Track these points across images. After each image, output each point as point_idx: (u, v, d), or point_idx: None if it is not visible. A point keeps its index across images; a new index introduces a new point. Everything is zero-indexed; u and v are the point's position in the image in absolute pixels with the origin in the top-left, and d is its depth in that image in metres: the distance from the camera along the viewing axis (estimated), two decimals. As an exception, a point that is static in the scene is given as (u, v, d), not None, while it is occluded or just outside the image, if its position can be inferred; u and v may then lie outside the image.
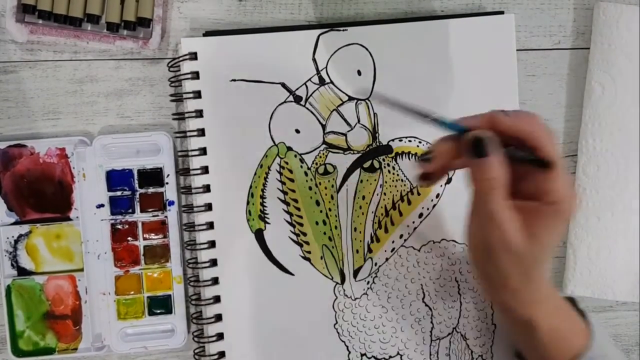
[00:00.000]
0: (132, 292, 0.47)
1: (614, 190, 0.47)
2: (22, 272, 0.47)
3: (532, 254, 0.36)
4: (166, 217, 0.47)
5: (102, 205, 0.47)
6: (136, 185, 0.47)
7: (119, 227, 0.47)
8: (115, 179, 0.47)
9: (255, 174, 0.46)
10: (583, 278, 0.48)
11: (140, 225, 0.47)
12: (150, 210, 0.47)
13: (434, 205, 0.47)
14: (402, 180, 0.47)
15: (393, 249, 0.47)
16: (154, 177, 0.47)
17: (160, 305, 0.47)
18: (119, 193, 0.47)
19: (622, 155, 0.47)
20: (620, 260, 0.48)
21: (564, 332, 0.39)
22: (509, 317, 0.40)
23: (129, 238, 0.47)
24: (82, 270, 0.46)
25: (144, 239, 0.47)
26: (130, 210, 0.47)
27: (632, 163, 0.48)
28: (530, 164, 0.36)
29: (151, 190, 0.47)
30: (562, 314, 0.39)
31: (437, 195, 0.47)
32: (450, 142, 0.37)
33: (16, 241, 0.47)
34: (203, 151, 0.46)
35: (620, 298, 0.48)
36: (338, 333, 0.47)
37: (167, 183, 0.47)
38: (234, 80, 0.46)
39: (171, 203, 0.47)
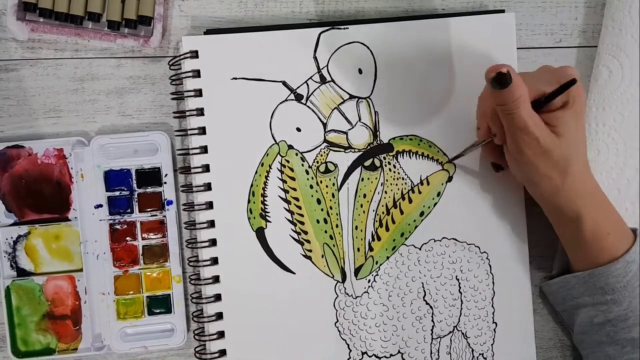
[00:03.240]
0: (132, 292, 0.49)
1: (610, 175, 0.50)
2: (22, 273, 0.49)
3: (564, 152, 0.43)
4: (165, 216, 0.49)
5: (100, 206, 0.49)
6: (134, 185, 0.49)
7: (118, 227, 0.49)
8: (114, 179, 0.49)
9: (256, 172, 0.48)
10: None
11: (138, 225, 0.49)
12: (148, 209, 0.49)
13: (435, 204, 0.49)
14: (403, 179, 0.49)
15: (394, 247, 0.49)
16: (152, 176, 0.49)
17: (160, 304, 0.49)
18: (117, 193, 0.49)
19: (622, 141, 0.49)
20: None
21: (607, 230, 0.44)
22: (557, 214, 0.46)
23: (127, 238, 0.49)
24: (81, 270, 0.48)
25: (143, 238, 0.49)
26: (128, 210, 0.49)
27: (630, 149, 0.49)
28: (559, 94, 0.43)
29: (149, 189, 0.49)
30: (608, 214, 0.45)
31: (438, 194, 0.49)
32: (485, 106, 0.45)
33: (15, 242, 0.48)
34: (204, 149, 0.47)
35: None
36: (339, 331, 0.49)
37: (165, 182, 0.49)
38: (235, 78, 0.48)
39: (169, 202, 0.49)
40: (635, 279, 0.43)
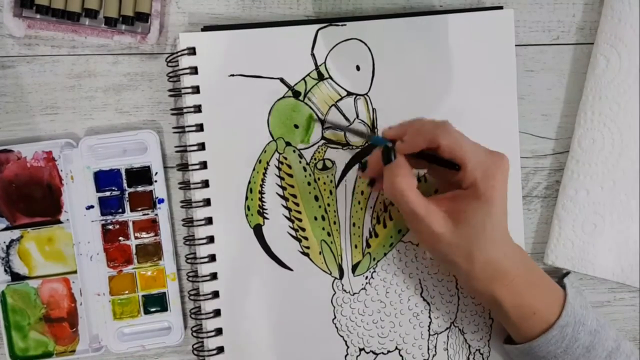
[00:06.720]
0: (127, 292, 0.52)
1: (605, 166, 0.53)
2: (16, 277, 0.52)
3: (464, 238, 0.44)
4: (157, 215, 0.52)
5: (91, 207, 0.52)
6: (125, 185, 0.52)
7: (110, 227, 0.52)
8: (104, 179, 0.52)
9: (254, 169, 0.51)
10: (565, 250, 0.53)
11: (131, 224, 0.52)
12: (140, 209, 0.52)
13: (433, 201, 0.54)
14: (400, 176, 0.53)
15: (391, 244, 0.53)
16: (142, 175, 0.52)
17: (156, 303, 0.52)
18: (107, 193, 0.52)
19: (618, 131, 0.53)
20: (605, 237, 0.54)
21: (532, 308, 0.46)
22: (475, 295, 0.49)
23: (120, 238, 0.52)
24: (75, 272, 0.51)
25: (136, 238, 0.52)
26: (120, 210, 0.52)
27: (626, 140, 0.53)
28: (443, 166, 0.45)
29: (140, 188, 0.52)
30: (532, 289, 0.46)
31: (436, 191, 0.52)
32: (379, 154, 0.47)
33: (8, 247, 0.51)
34: (202, 146, 0.51)
35: (600, 274, 0.54)
36: (337, 328, 0.52)
37: (155, 181, 0.52)
38: (233, 75, 0.51)
39: (161, 201, 0.52)
40: (573, 341, 0.46)
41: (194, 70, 0.51)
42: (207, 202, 0.51)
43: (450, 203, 0.45)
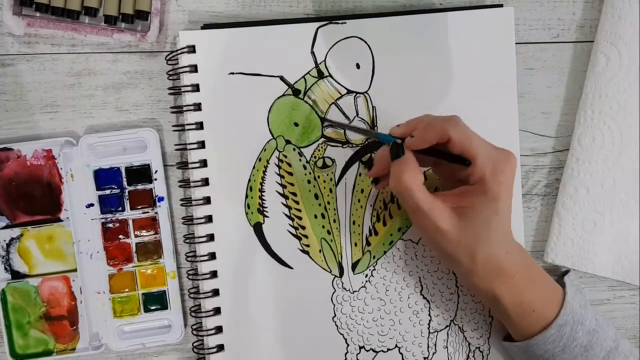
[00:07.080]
0: (127, 290, 0.53)
1: (606, 164, 0.54)
2: (16, 275, 0.52)
3: (468, 235, 0.44)
4: (156, 213, 0.52)
5: (91, 205, 0.52)
6: (125, 183, 0.52)
7: (110, 225, 0.52)
8: (104, 177, 0.52)
9: (254, 167, 0.52)
10: (565, 248, 0.54)
11: (130, 222, 0.52)
12: (140, 207, 0.52)
13: (433, 199, 0.54)
14: (400, 174, 0.54)
15: (391, 242, 0.54)
16: (142, 173, 0.52)
17: (156, 301, 0.53)
18: (107, 191, 0.52)
19: (618, 129, 0.53)
20: (605, 235, 0.54)
21: (532, 305, 0.46)
22: (477, 294, 0.49)
23: (120, 236, 0.52)
24: (75, 270, 0.52)
25: (136, 236, 0.53)
26: (120, 208, 0.52)
27: (626, 138, 0.54)
28: (453, 162, 0.45)
29: (140, 187, 0.52)
30: (532, 287, 0.46)
31: (436, 189, 0.53)
32: (386, 151, 0.47)
33: (8, 245, 0.52)
34: (201, 144, 0.51)
35: (600, 273, 0.54)
36: (337, 326, 0.53)
37: (155, 179, 0.52)
38: (233, 73, 0.51)
39: (161, 199, 0.52)
40: (571, 340, 0.46)
41: (194, 69, 0.51)
42: (207, 200, 0.52)
43: (457, 199, 0.45)
